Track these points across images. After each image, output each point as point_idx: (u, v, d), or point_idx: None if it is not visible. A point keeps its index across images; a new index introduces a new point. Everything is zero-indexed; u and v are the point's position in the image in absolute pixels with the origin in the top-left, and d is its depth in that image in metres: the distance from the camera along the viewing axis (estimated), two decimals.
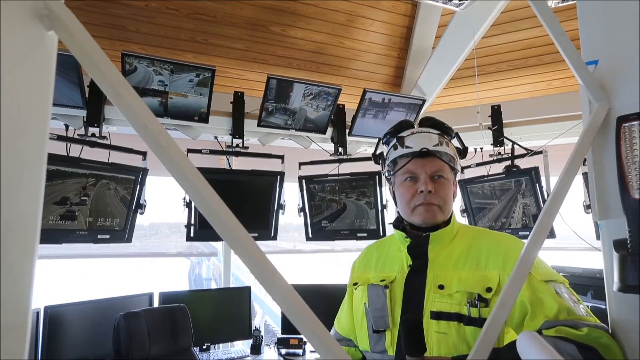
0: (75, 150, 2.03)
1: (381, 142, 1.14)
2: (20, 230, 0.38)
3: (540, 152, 2.37)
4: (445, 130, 1.06)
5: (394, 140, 1.06)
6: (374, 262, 1.11)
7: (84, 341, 2.05)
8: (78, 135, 2.11)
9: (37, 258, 0.41)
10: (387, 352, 0.96)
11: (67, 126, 2.11)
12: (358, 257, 1.20)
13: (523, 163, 2.42)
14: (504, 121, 2.58)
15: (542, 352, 0.44)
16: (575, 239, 2.20)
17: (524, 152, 2.42)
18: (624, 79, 0.74)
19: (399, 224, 1.08)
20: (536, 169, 2.32)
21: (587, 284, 2.06)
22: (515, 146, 2.46)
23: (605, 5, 0.77)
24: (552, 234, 2.27)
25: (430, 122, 1.08)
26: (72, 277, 14.91)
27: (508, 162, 2.47)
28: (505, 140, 2.53)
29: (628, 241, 0.66)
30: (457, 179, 1.09)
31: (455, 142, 1.11)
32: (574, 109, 2.54)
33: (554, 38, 0.72)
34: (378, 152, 1.18)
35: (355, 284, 1.12)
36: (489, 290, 0.89)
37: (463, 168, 2.66)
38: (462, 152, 1.12)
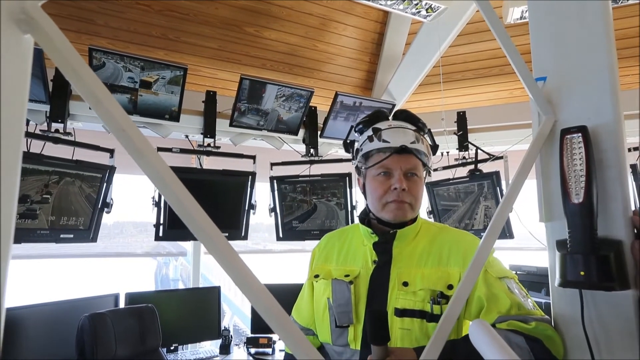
0: (37, 146, 1.95)
1: (354, 129, 1.12)
2: None
3: (502, 158, 2.50)
4: (419, 126, 1.05)
5: (369, 131, 1.03)
6: (336, 254, 1.10)
7: (44, 345, 1.97)
8: (40, 130, 2.04)
9: (10, 259, 0.42)
10: (349, 346, 0.98)
11: (28, 121, 2.03)
12: (317, 246, 1.17)
13: (485, 167, 2.54)
14: (468, 127, 2.70)
15: (490, 338, 0.50)
16: (532, 239, 2.34)
17: (487, 157, 2.54)
18: (569, 95, 0.82)
19: (365, 217, 1.08)
20: (497, 173, 2.44)
21: (541, 282, 2.20)
22: (479, 151, 2.58)
23: (554, 28, 0.85)
24: (510, 235, 2.41)
25: (404, 116, 1.06)
26: (30, 278, 14.15)
27: (472, 166, 2.59)
28: (470, 145, 2.65)
29: (568, 241, 0.73)
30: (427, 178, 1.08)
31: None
32: None
33: (508, 55, 0.78)
34: (349, 140, 1.16)
35: (316, 275, 1.10)
36: (450, 287, 0.93)
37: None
38: (433, 149, 1.09)
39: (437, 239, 1.02)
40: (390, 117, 1.09)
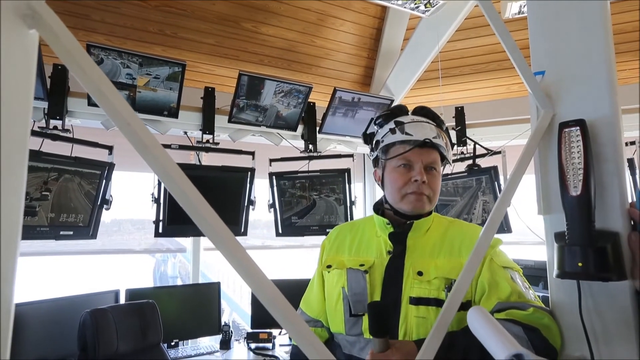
0: (35, 144, 1.95)
1: (373, 122, 1.13)
2: (4, 228, 0.39)
3: (499, 152, 2.51)
4: (439, 123, 1.07)
5: (391, 124, 1.05)
6: (348, 245, 1.11)
7: (45, 341, 1.97)
8: (38, 127, 2.03)
9: (18, 256, 0.42)
10: (362, 335, 0.99)
11: None
12: (327, 238, 1.19)
13: (483, 162, 2.56)
14: (466, 122, 2.71)
15: (487, 322, 0.51)
16: (530, 234, 2.35)
17: (485, 152, 2.55)
18: (567, 89, 0.83)
19: (379, 207, 1.10)
20: (495, 168, 2.46)
21: (538, 275, 2.22)
22: (477, 146, 2.59)
23: (552, 23, 0.85)
24: (508, 229, 2.43)
25: (424, 112, 1.08)
26: (28, 275, 14.14)
27: (470, 161, 2.60)
28: (468, 140, 2.66)
29: (566, 233, 0.74)
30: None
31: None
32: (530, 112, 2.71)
33: (507, 50, 0.79)
34: (369, 132, 1.16)
35: (329, 266, 1.11)
36: None
37: None
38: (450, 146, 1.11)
39: (449, 231, 1.04)
40: (409, 113, 1.10)
